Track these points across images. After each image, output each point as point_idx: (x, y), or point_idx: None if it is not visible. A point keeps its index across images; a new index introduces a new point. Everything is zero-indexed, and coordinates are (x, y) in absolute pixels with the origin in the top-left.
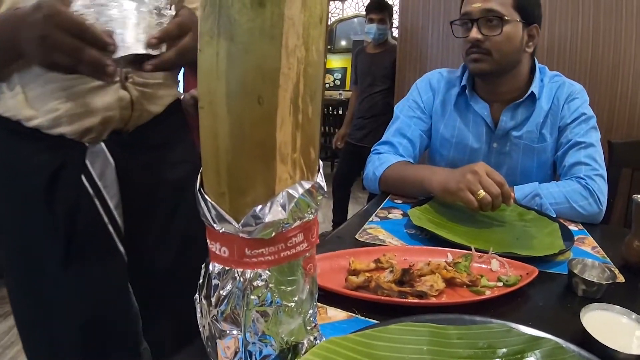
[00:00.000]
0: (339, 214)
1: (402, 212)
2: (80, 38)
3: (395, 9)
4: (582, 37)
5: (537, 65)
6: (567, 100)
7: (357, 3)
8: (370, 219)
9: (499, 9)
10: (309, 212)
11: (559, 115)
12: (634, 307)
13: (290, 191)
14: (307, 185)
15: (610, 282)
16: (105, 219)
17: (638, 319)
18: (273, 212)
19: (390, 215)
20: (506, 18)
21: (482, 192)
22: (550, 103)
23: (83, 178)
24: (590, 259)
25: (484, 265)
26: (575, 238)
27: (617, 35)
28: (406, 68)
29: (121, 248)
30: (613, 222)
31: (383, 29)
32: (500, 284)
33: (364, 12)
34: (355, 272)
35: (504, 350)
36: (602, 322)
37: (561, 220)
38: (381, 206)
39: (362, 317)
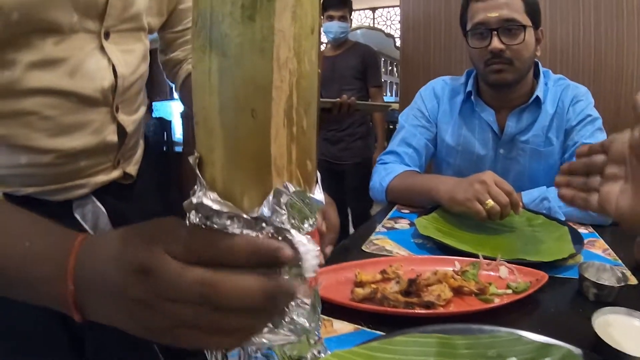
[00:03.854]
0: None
1: (409, 222)
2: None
3: (397, 18)
4: (584, 39)
5: (541, 69)
6: (572, 103)
7: (359, 15)
8: (377, 230)
9: (518, 17)
10: (307, 223)
11: (564, 118)
12: None
13: (280, 190)
14: (292, 188)
15: (622, 284)
16: None
17: None
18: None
19: (397, 226)
20: (525, 25)
21: (490, 202)
22: (556, 106)
23: None
24: (601, 262)
25: (492, 273)
26: (586, 241)
27: (620, 35)
28: (409, 77)
29: None
30: None
31: (344, 27)
32: (510, 291)
33: (366, 24)
34: (361, 284)
35: (514, 359)
36: (615, 326)
37: (571, 224)
38: (388, 216)
39: (368, 329)
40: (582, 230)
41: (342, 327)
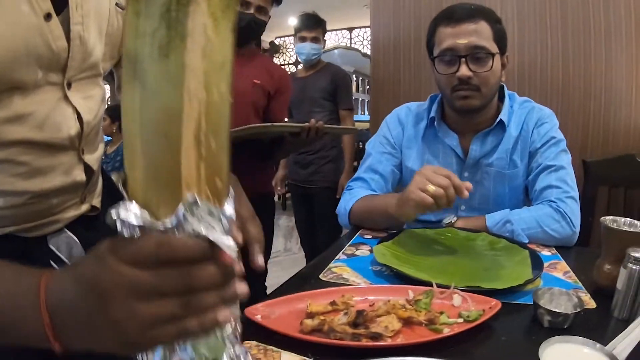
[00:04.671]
0: None
1: (369, 248)
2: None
3: (367, 41)
4: (551, 59)
5: (507, 92)
6: (537, 125)
7: (336, 35)
8: (337, 257)
9: (486, 45)
10: (217, 230)
11: (529, 140)
12: (603, 335)
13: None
14: (199, 199)
15: (578, 310)
16: None
17: (602, 349)
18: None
19: (357, 252)
20: (493, 53)
21: (432, 187)
22: (520, 129)
23: (53, 264)
24: (558, 288)
25: (446, 302)
26: (547, 264)
27: (587, 54)
28: (380, 97)
29: None
30: (593, 243)
31: (317, 48)
32: (461, 320)
33: (343, 44)
34: (311, 315)
35: None
36: (564, 355)
37: (533, 247)
38: (349, 242)
39: None
40: (545, 252)
41: (289, 358)
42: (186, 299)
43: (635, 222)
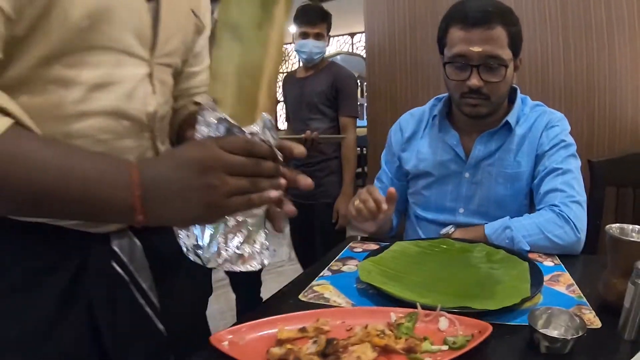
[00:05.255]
0: None
1: (357, 263)
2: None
3: (362, 47)
4: (553, 57)
5: (519, 95)
6: (546, 128)
7: (337, 41)
8: (322, 274)
9: (501, 54)
10: (274, 137)
11: (537, 142)
12: (607, 358)
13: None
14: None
15: (580, 334)
16: (142, 302)
17: None
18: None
19: (344, 268)
20: (507, 61)
21: (356, 201)
22: (528, 130)
23: (114, 264)
24: (558, 307)
25: (431, 325)
26: (549, 276)
27: (589, 51)
28: (376, 102)
29: (160, 326)
30: (601, 249)
31: (320, 46)
32: (446, 347)
33: (345, 49)
34: (280, 342)
35: None
36: None
37: (535, 256)
38: (337, 257)
39: None
40: (547, 262)
41: None
42: (255, 180)
43: None
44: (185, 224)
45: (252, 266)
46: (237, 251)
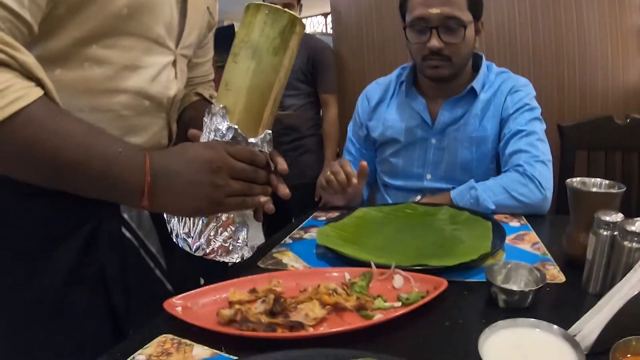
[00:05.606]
0: None
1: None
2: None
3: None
4: (520, 23)
5: (485, 62)
6: (511, 92)
7: (311, 22)
8: (282, 241)
9: (459, 15)
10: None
11: (501, 106)
12: (572, 315)
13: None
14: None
15: (540, 286)
16: (152, 264)
17: (561, 332)
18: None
19: (305, 235)
20: (466, 22)
21: (327, 173)
22: (492, 95)
23: (124, 230)
24: (516, 261)
25: (387, 284)
26: (514, 235)
27: (557, 17)
28: (345, 80)
29: (169, 287)
30: None
31: None
32: (399, 303)
33: (319, 30)
34: (232, 305)
35: None
36: (509, 345)
37: (502, 218)
38: (300, 226)
39: (226, 355)
40: (513, 223)
41: (200, 352)
42: (251, 185)
43: (607, 181)
44: (185, 214)
45: (234, 259)
46: (224, 244)
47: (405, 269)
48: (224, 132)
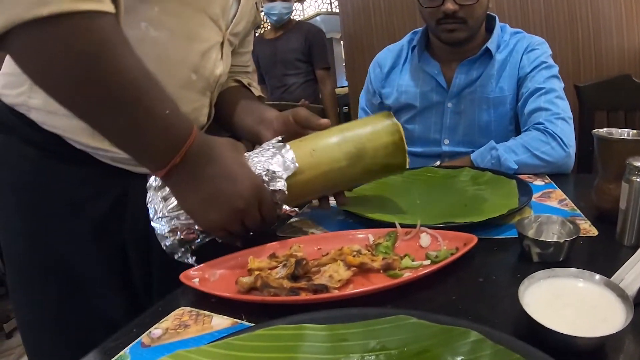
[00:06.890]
0: None
1: None
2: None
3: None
4: None
5: (498, 23)
6: (527, 51)
7: (315, 2)
8: (301, 211)
9: None
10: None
11: (518, 66)
12: (608, 266)
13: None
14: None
15: (574, 237)
16: None
17: (605, 281)
18: None
19: None
20: None
21: None
22: (508, 55)
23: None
24: (548, 215)
25: (413, 243)
26: (540, 193)
27: None
28: (354, 54)
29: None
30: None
31: (288, 6)
32: (428, 261)
33: (324, 9)
34: (251, 272)
35: (404, 349)
36: (552, 295)
37: (525, 177)
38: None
39: (247, 323)
40: (537, 182)
41: (220, 322)
42: (245, 228)
43: (633, 131)
44: (186, 208)
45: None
46: (193, 249)
47: (432, 227)
48: (274, 173)
